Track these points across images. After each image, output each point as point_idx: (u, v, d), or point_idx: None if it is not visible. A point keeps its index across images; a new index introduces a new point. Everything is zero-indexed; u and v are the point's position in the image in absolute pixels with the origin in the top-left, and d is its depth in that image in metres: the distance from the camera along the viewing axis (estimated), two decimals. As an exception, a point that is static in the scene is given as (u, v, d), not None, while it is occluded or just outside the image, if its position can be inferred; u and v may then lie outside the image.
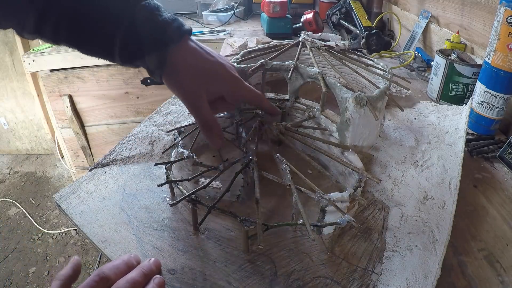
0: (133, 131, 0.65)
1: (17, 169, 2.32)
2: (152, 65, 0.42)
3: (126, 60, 0.41)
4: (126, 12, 0.39)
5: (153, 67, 0.42)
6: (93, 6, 0.38)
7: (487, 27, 0.78)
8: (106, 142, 1.62)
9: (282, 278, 0.38)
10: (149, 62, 0.41)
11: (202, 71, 0.44)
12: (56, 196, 0.50)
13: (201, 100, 0.44)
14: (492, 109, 0.65)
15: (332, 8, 1.44)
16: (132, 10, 0.39)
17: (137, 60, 0.42)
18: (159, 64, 0.42)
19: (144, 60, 0.41)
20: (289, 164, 0.45)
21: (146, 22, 0.40)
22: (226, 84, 0.46)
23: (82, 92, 1.48)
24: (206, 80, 0.44)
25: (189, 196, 0.42)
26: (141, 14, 0.39)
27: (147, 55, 0.41)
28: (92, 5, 0.38)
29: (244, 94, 0.48)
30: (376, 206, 0.48)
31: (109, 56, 0.41)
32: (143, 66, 0.43)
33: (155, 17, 0.40)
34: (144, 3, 0.40)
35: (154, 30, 0.40)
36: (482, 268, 0.40)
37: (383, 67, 0.65)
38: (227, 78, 0.46)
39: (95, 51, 0.41)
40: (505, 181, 0.55)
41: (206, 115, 0.45)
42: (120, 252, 0.41)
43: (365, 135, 0.55)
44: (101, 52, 0.41)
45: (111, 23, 0.39)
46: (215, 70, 0.45)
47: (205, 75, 0.44)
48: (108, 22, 0.39)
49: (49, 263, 1.65)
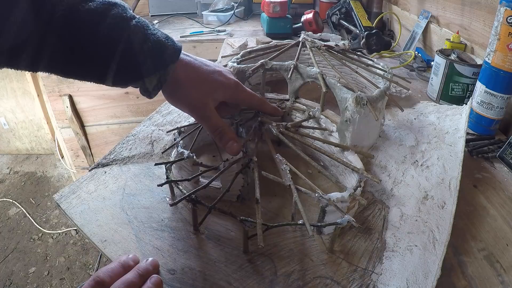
0: (133, 131, 0.65)
1: (17, 169, 2.32)
2: (151, 86, 0.41)
3: (119, 83, 0.41)
4: (120, 35, 0.38)
5: (151, 87, 0.41)
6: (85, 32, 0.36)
7: (487, 27, 0.78)
8: (106, 142, 1.63)
9: (282, 278, 0.38)
10: (148, 83, 0.41)
11: (204, 81, 0.45)
12: (56, 196, 0.50)
13: (209, 109, 0.45)
14: (492, 109, 0.65)
15: (332, 8, 1.44)
16: (125, 32, 0.38)
17: (133, 82, 0.41)
18: (158, 84, 0.42)
19: (142, 82, 0.41)
20: (289, 164, 0.45)
21: (142, 44, 0.39)
22: (227, 89, 0.47)
23: (82, 92, 1.48)
24: (210, 89, 0.45)
25: (189, 196, 0.42)
26: (136, 36, 0.38)
27: (147, 76, 0.40)
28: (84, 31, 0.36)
29: (245, 97, 0.49)
30: (376, 206, 0.48)
31: (99, 79, 0.40)
32: (136, 86, 0.42)
33: (149, 38, 0.39)
34: (134, 22, 0.39)
35: (152, 51, 0.39)
36: (482, 268, 0.40)
37: (383, 67, 0.65)
38: (227, 84, 0.47)
39: (83, 76, 0.40)
40: (505, 181, 0.55)
41: (217, 122, 0.45)
42: (120, 252, 0.41)
43: (365, 135, 0.55)
44: (91, 76, 0.40)
45: (105, 47, 0.37)
46: (215, 78, 0.46)
47: (208, 84, 0.45)
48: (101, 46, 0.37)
49: (49, 263, 1.65)
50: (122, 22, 0.38)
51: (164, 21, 1.73)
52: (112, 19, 0.37)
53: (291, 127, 0.54)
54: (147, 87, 0.41)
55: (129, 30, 0.38)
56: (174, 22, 1.72)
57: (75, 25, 0.36)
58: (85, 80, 0.40)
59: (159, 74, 0.41)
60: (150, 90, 0.42)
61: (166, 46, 0.41)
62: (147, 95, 0.43)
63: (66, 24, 0.35)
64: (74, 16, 0.36)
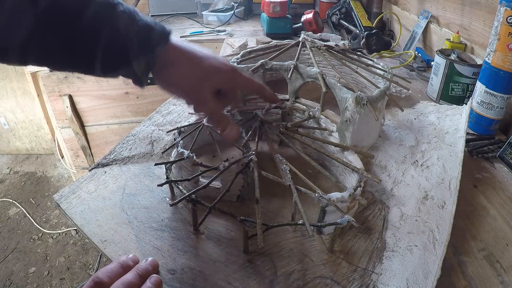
0: (133, 131, 0.65)
1: (17, 169, 2.32)
2: (140, 70, 0.40)
3: (108, 70, 0.40)
4: (105, 21, 0.37)
5: (140, 72, 0.41)
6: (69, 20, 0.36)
7: (487, 27, 0.78)
8: (106, 142, 1.62)
9: (282, 278, 0.38)
10: (137, 68, 0.40)
11: (199, 65, 0.43)
12: (56, 196, 0.50)
13: (205, 93, 0.44)
14: (492, 109, 0.65)
15: (332, 8, 1.44)
16: (111, 17, 0.38)
17: (122, 68, 0.40)
18: (147, 67, 0.41)
19: (130, 67, 0.40)
20: (289, 164, 0.45)
21: (129, 27, 0.38)
22: (224, 74, 0.45)
23: (82, 92, 1.48)
24: (205, 74, 0.44)
25: (189, 196, 0.42)
26: (122, 21, 0.38)
27: (134, 60, 0.39)
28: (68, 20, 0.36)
29: (243, 81, 0.47)
30: (376, 206, 0.48)
31: (88, 69, 0.40)
32: (126, 75, 0.41)
33: (136, 22, 0.39)
34: (122, 9, 0.38)
35: (139, 34, 0.39)
36: (482, 268, 0.40)
37: (383, 67, 0.65)
38: (224, 69, 0.45)
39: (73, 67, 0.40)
40: (505, 181, 0.55)
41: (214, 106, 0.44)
42: (120, 252, 0.41)
43: (365, 135, 0.55)
44: (80, 66, 0.40)
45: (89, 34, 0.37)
46: (210, 63, 0.44)
47: (203, 69, 0.43)
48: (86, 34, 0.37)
49: (49, 263, 1.65)
50: (108, 9, 0.38)
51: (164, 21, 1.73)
52: (97, 6, 0.37)
53: (291, 127, 0.54)
54: (136, 72, 0.40)
55: (115, 15, 0.38)
56: (174, 22, 1.73)
57: (60, 13, 0.36)
58: (76, 72, 0.40)
59: (147, 57, 0.40)
60: (139, 75, 0.41)
61: (153, 29, 0.40)
62: (139, 82, 0.42)
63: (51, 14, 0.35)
64: (58, 5, 0.35)
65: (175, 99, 0.77)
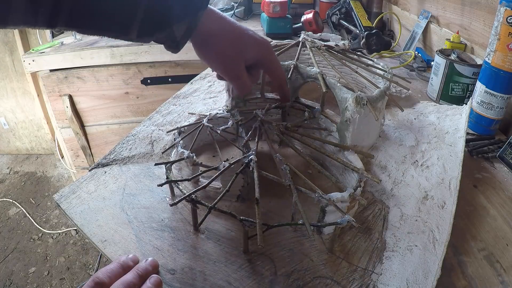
0: (133, 131, 0.65)
1: (17, 169, 2.32)
2: (179, 34, 0.38)
3: (145, 33, 0.37)
4: None
5: (180, 36, 0.38)
6: None
7: (487, 27, 0.78)
8: (106, 142, 1.62)
9: (282, 278, 0.38)
10: (177, 31, 0.38)
11: (240, 38, 0.42)
12: (56, 196, 0.50)
13: (242, 68, 0.43)
14: (492, 109, 0.65)
15: (332, 8, 1.44)
16: None
17: (160, 31, 0.38)
18: (188, 31, 0.39)
19: (170, 30, 0.38)
20: (289, 164, 0.45)
21: None
22: (261, 47, 0.44)
23: (82, 92, 1.48)
24: (244, 47, 0.43)
25: (189, 196, 0.42)
26: None
27: (176, 23, 0.37)
28: None
29: (274, 59, 0.47)
30: (376, 206, 0.48)
31: (121, 32, 0.37)
32: (161, 39, 0.39)
33: None
34: None
35: None
36: (482, 268, 0.40)
37: (383, 67, 0.65)
38: (262, 43, 0.44)
39: (105, 28, 0.36)
40: (505, 181, 0.55)
41: (247, 82, 0.44)
42: (120, 252, 0.41)
43: (365, 135, 0.55)
44: (114, 28, 0.36)
45: None
46: (250, 35, 0.43)
47: (243, 41, 0.43)
48: None
49: (49, 263, 1.65)
50: None
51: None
52: None
53: (291, 127, 0.54)
54: (175, 36, 0.38)
55: None
56: (174, 22, 1.73)
57: None
58: (106, 35, 0.37)
59: (189, 20, 0.38)
60: (179, 39, 0.39)
61: None
62: (174, 46, 0.40)
63: None
64: None
65: (175, 99, 0.77)
